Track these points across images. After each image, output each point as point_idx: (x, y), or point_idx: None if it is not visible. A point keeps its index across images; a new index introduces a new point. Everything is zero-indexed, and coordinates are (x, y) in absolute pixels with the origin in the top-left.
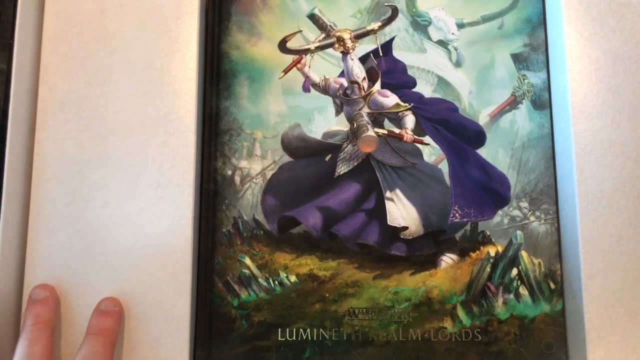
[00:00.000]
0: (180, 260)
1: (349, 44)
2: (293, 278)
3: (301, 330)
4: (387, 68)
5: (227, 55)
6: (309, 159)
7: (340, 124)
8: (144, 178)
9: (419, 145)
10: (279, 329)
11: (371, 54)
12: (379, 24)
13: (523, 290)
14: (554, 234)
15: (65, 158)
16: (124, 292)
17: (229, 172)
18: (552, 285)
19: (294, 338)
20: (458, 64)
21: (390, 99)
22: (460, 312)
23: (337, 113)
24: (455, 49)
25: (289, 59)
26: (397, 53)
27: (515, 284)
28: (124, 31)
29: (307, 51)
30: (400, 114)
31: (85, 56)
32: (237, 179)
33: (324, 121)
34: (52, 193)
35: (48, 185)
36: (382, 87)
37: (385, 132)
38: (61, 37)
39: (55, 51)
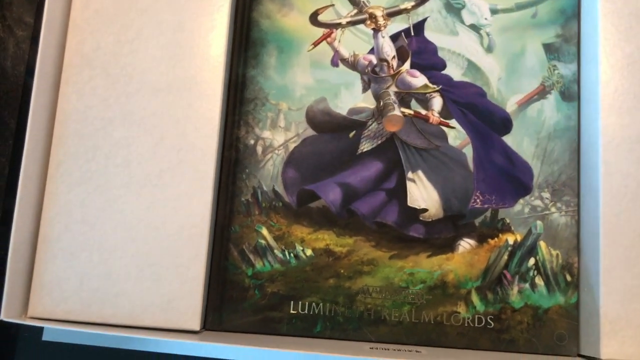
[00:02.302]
0: (198, 224)
1: (381, 21)
2: (309, 252)
3: (314, 304)
4: (417, 48)
5: (257, 24)
6: (332, 134)
7: (366, 101)
8: (167, 140)
9: (444, 128)
10: (292, 302)
11: (402, 33)
12: (413, 3)
13: (539, 281)
14: (573, 227)
15: (89, 114)
16: (139, 252)
17: (252, 142)
18: (569, 278)
19: (306, 312)
20: (489, 49)
21: (418, 80)
22: (475, 298)
23: (364, 90)
24: (487, 35)
25: (319, 32)
26: (429, 34)
27: (531, 274)
28: None
29: (338, 25)
30: (427, 95)
31: (116, 13)
32: (259, 149)
33: (350, 97)
34: (74, 148)
35: (70, 140)
36: (412, 67)
37: (412, 112)
38: None
39: (86, 7)
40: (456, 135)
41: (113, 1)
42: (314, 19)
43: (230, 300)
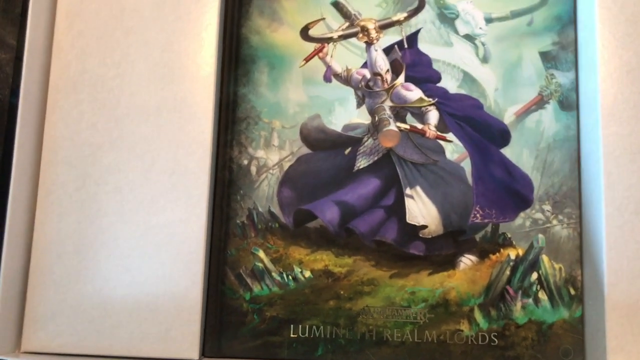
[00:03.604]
0: (193, 250)
1: (374, 34)
2: (307, 273)
3: (314, 327)
4: (411, 61)
5: (247, 41)
6: (327, 152)
7: (361, 117)
8: (159, 164)
9: (441, 142)
10: (292, 325)
11: (396, 46)
12: (405, 14)
13: (542, 295)
14: (575, 239)
15: (78, 140)
16: (134, 281)
17: (245, 162)
18: (572, 291)
19: (307, 335)
20: (485, 59)
21: (413, 93)
22: (478, 315)
23: (359, 105)
24: (483, 44)
25: (311, 47)
26: (423, 46)
27: (534, 289)
28: (142, 10)
29: (329, 40)
30: (423, 109)
31: (101, 35)
32: (253, 169)
33: (345, 113)
34: (63, 176)
35: (59, 168)
36: (406, 80)
37: (408, 127)
38: (76, 14)
39: (69, 29)
40: (454, 149)
41: (97, 22)
42: (304, 33)
43: (229, 325)
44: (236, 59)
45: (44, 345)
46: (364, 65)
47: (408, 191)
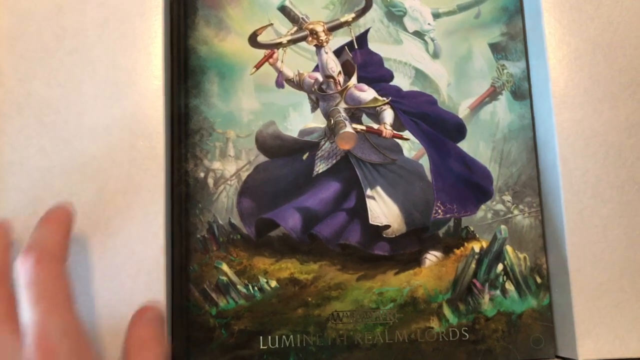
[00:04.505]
0: (154, 269)
1: (323, 36)
2: (273, 283)
3: (284, 337)
4: (363, 61)
5: (194, 51)
6: (285, 158)
7: (316, 121)
8: (112, 184)
9: (398, 141)
10: (261, 337)
11: (346, 47)
12: (353, 15)
13: (509, 286)
14: (538, 227)
15: (26, 165)
16: (95, 305)
17: (202, 175)
18: (539, 280)
19: (277, 345)
20: (435, 55)
21: (367, 94)
22: (447, 311)
23: (313, 109)
24: (432, 40)
25: (261, 53)
26: (373, 45)
27: (501, 280)
28: (84, 29)
29: (279, 45)
30: (378, 108)
31: (44, 56)
32: (211, 181)
33: (300, 118)
34: (14, 203)
35: (9, 195)
36: (359, 81)
37: (364, 127)
38: (17, 37)
39: (10, 51)
40: (411, 147)
41: (39, 44)
42: (253, 40)
43: (197, 343)
44: (185, 70)
45: None
46: (316, 69)
47: (369, 192)
